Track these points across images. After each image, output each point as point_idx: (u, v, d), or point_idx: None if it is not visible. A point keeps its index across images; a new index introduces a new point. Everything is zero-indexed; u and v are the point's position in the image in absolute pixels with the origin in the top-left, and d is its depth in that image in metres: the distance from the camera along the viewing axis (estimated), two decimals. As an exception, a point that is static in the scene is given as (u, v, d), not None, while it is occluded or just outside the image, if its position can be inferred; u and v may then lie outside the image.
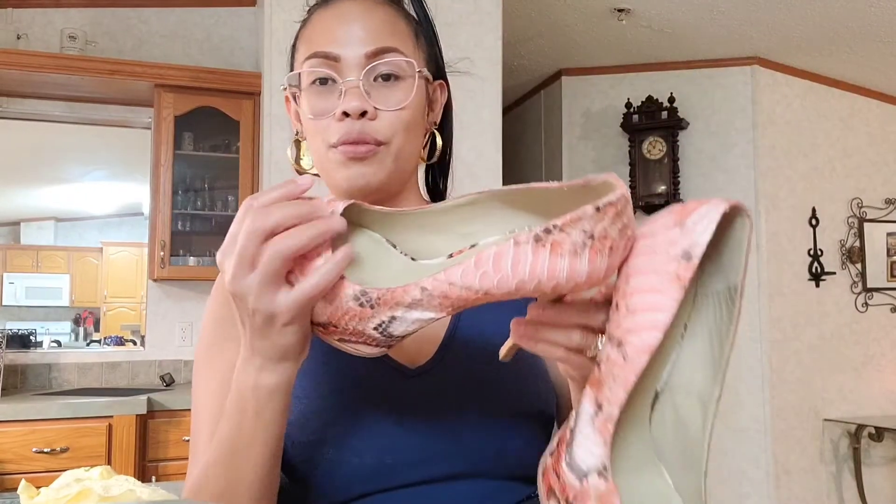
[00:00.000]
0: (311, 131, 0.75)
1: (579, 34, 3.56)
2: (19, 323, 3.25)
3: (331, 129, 0.72)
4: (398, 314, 0.52)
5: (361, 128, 0.71)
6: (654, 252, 0.48)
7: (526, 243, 0.47)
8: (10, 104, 3.10)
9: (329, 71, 0.72)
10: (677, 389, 0.51)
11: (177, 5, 3.32)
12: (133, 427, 2.51)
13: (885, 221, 4.11)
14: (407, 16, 0.78)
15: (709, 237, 0.45)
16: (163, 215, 2.96)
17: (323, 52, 0.72)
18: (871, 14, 3.29)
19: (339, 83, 0.72)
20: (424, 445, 0.69)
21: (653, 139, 3.78)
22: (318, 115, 0.73)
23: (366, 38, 0.72)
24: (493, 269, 0.48)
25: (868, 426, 3.78)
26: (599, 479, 0.48)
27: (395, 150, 0.73)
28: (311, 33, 0.76)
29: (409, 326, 0.52)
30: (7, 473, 2.36)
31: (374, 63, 0.71)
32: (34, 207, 3.44)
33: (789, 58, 3.81)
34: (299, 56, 0.77)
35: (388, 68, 0.72)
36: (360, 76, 0.71)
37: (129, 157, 3.39)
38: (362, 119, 0.71)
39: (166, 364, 3.17)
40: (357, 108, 0.70)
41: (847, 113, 4.10)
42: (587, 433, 0.49)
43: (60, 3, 3.16)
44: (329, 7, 0.76)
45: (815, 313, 3.89)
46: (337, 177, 0.74)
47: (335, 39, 0.72)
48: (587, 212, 0.46)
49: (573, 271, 0.47)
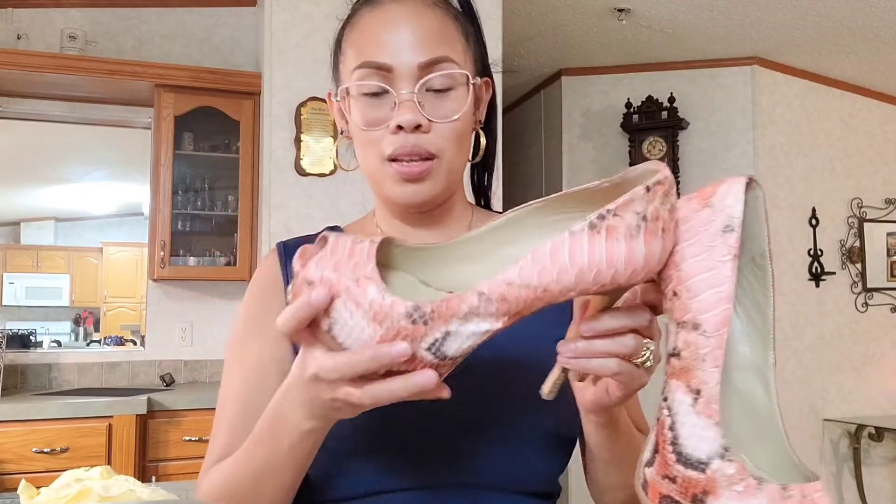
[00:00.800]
0: (363, 141, 0.74)
1: (579, 34, 3.56)
2: (19, 323, 3.26)
3: (384, 141, 0.71)
4: (453, 328, 0.49)
5: (416, 140, 0.70)
6: (696, 234, 0.49)
7: (581, 232, 0.47)
8: (10, 104, 3.10)
9: (382, 84, 0.71)
10: (732, 367, 0.51)
11: (177, 5, 3.32)
12: (133, 427, 2.51)
13: (885, 221, 4.11)
14: (455, 15, 0.76)
15: (742, 207, 0.48)
16: (163, 215, 2.96)
17: (375, 63, 0.71)
18: (871, 14, 3.29)
19: (393, 95, 0.71)
20: (433, 452, 0.69)
21: (653, 139, 3.78)
22: (370, 126, 0.72)
23: (417, 45, 0.71)
24: (551, 263, 0.47)
25: (868, 426, 3.78)
26: (724, 462, 0.46)
27: (448, 163, 0.73)
28: (358, 38, 0.74)
29: (464, 343, 0.50)
30: (7, 473, 2.36)
31: (428, 77, 0.71)
32: (34, 207, 3.44)
33: (789, 58, 3.81)
34: (347, 61, 0.75)
35: (442, 81, 0.72)
36: (413, 88, 0.70)
37: (129, 157, 3.39)
38: (416, 132, 0.70)
39: (166, 364, 3.17)
40: (412, 122, 0.70)
41: (847, 113, 4.10)
42: (693, 423, 0.48)
43: (60, 3, 3.16)
44: (376, 8, 0.74)
45: (815, 313, 3.89)
46: (390, 192, 0.74)
47: (386, 48, 0.71)
48: (638, 193, 0.46)
49: (631, 254, 0.47)
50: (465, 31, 0.76)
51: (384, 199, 0.77)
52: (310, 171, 2.70)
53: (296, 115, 2.72)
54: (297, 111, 2.72)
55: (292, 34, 2.74)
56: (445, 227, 0.80)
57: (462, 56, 0.74)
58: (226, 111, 3.03)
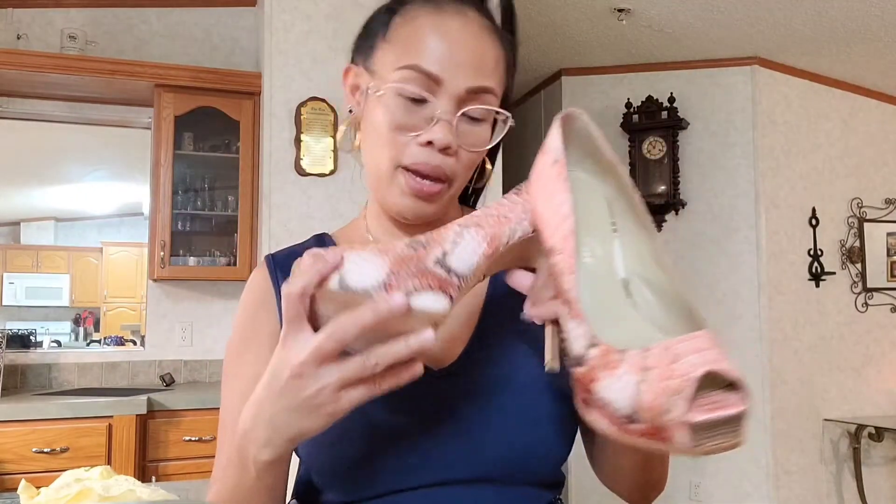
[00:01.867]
0: (382, 141, 0.71)
1: (579, 34, 3.56)
2: (19, 323, 3.26)
3: (408, 150, 0.70)
4: (448, 247, 0.56)
5: (440, 162, 0.70)
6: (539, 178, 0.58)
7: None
8: (10, 104, 3.10)
9: (426, 93, 0.69)
10: (637, 272, 0.57)
11: (177, 5, 3.32)
12: (133, 427, 2.51)
13: (885, 221, 4.11)
14: (506, 47, 0.75)
15: (559, 140, 0.57)
16: (163, 215, 2.96)
17: (426, 71, 0.69)
18: (871, 14, 3.29)
19: (434, 108, 0.69)
20: (447, 447, 0.69)
21: (653, 139, 3.78)
22: (399, 130, 0.70)
23: (471, 70, 0.69)
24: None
25: (868, 426, 3.78)
26: (593, 349, 0.51)
27: (457, 189, 0.74)
28: (414, 37, 0.70)
29: (467, 259, 0.56)
30: (7, 473, 2.36)
31: (472, 106, 0.70)
32: (34, 207, 3.44)
33: (789, 58, 3.81)
34: (391, 53, 0.72)
35: (482, 113, 0.71)
36: (457, 111, 0.69)
37: (129, 157, 3.40)
38: (443, 153, 0.70)
39: (166, 364, 3.17)
40: (444, 143, 0.69)
41: (847, 113, 4.10)
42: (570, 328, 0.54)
43: (60, 3, 3.16)
44: (436, 13, 0.71)
45: (815, 313, 3.89)
46: (394, 200, 0.73)
47: (440, 59, 0.69)
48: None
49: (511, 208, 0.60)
50: (508, 62, 0.75)
51: (382, 204, 0.77)
52: (310, 171, 2.70)
53: (296, 115, 2.72)
54: (297, 111, 2.72)
55: (292, 34, 2.74)
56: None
57: (500, 88, 0.74)
58: (226, 111, 3.03)
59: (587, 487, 3.59)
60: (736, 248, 3.74)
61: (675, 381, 0.45)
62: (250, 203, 3.01)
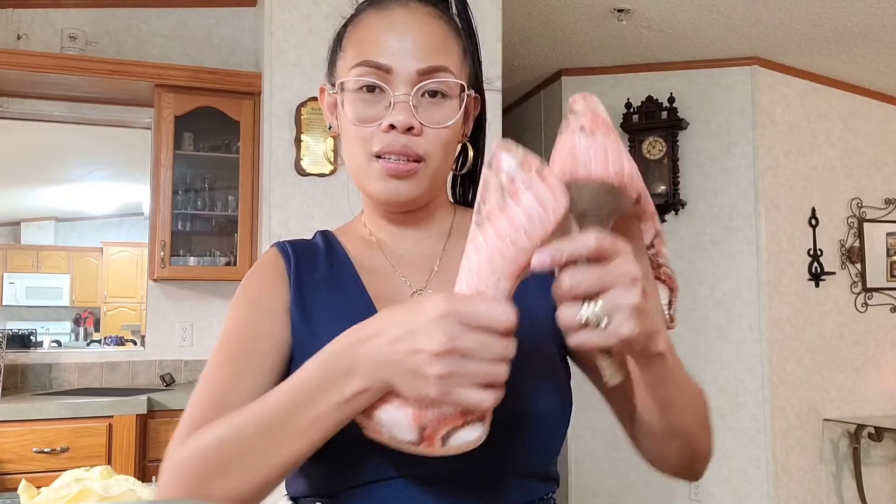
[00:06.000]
0: (352, 137, 0.76)
1: (579, 34, 3.56)
2: (19, 323, 3.25)
3: (374, 139, 0.74)
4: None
5: (406, 141, 0.73)
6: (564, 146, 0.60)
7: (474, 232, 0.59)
8: (10, 104, 3.10)
9: (379, 81, 0.73)
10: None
11: (177, 5, 3.32)
12: (133, 427, 2.51)
13: (885, 221, 4.11)
14: (457, 30, 0.79)
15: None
16: (163, 215, 2.96)
17: (375, 63, 0.73)
18: (871, 14, 3.29)
19: (389, 95, 0.73)
20: None
21: (653, 139, 3.78)
22: (362, 122, 0.74)
23: (419, 52, 0.74)
24: (477, 265, 0.59)
25: (868, 426, 3.78)
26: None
27: (433, 168, 0.76)
28: (362, 37, 0.76)
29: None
30: (7, 473, 2.36)
31: (425, 82, 0.73)
32: (34, 207, 3.44)
33: (789, 58, 3.81)
34: (346, 58, 0.77)
35: (439, 87, 0.74)
36: (410, 91, 0.73)
37: (129, 157, 3.39)
38: (407, 133, 0.73)
39: (166, 364, 3.17)
40: (405, 123, 0.72)
41: (847, 113, 4.10)
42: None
43: (60, 3, 3.16)
44: (381, 11, 0.76)
45: (814, 313, 3.89)
46: (374, 188, 0.76)
47: (388, 50, 0.73)
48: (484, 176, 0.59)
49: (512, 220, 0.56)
50: (464, 46, 0.79)
51: (368, 197, 0.80)
52: (310, 171, 2.70)
53: (296, 115, 2.72)
54: (297, 111, 2.72)
55: (292, 34, 2.74)
56: (429, 228, 0.83)
57: (459, 69, 0.77)
58: (226, 111, 3.03)
59: (587, 487, 3.59)
60: (736, 248, 3.74)
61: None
62: (250, 203, 3.01)
